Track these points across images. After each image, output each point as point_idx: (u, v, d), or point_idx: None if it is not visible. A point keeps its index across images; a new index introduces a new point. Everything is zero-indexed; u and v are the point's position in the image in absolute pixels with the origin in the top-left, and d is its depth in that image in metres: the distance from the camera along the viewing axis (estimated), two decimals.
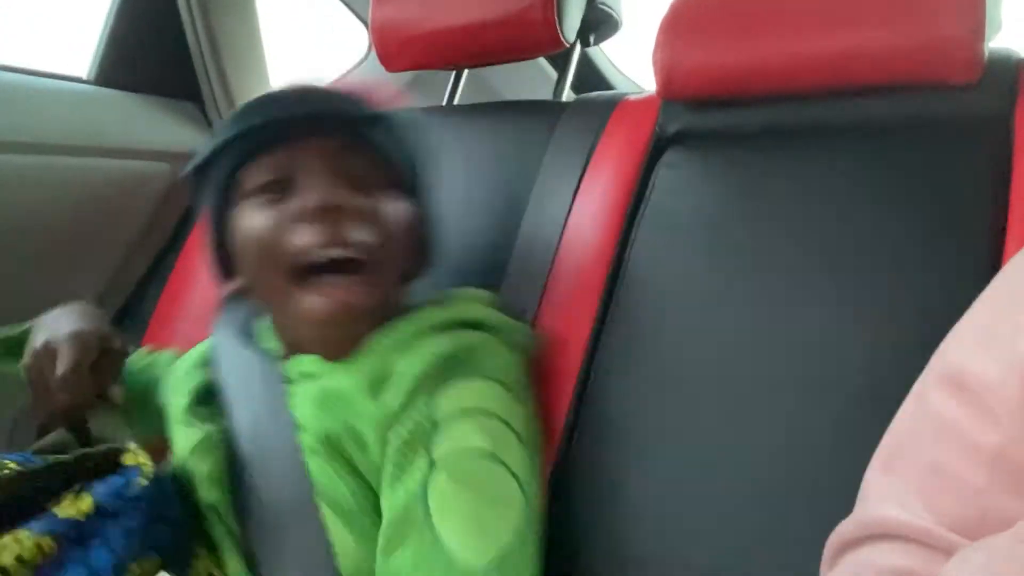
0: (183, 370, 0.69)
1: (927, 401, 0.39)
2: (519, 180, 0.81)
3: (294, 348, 0.61)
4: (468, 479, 0.50)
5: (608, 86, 1.56)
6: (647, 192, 0.72)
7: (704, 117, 0.72)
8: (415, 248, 0.62)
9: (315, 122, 0.58)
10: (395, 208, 0.60)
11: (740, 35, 0.66)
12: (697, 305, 0.64)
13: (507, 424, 0.54)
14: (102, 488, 0.50)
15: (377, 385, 0.54)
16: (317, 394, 0.56)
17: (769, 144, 0.68)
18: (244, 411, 0.60)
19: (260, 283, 0.60)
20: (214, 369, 0.65)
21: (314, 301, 0.55)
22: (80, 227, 0.98)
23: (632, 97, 0.83)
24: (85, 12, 1.06)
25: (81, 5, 1.09)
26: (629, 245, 0.70)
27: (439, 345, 0.56)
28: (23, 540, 0.45)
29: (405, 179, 0.62)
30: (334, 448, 0.54)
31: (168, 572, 0.52)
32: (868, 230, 0.60)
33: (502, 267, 0.76)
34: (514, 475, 0.52)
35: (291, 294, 0.56)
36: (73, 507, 0.49)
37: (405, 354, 0.56)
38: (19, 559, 0.45)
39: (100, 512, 0.49)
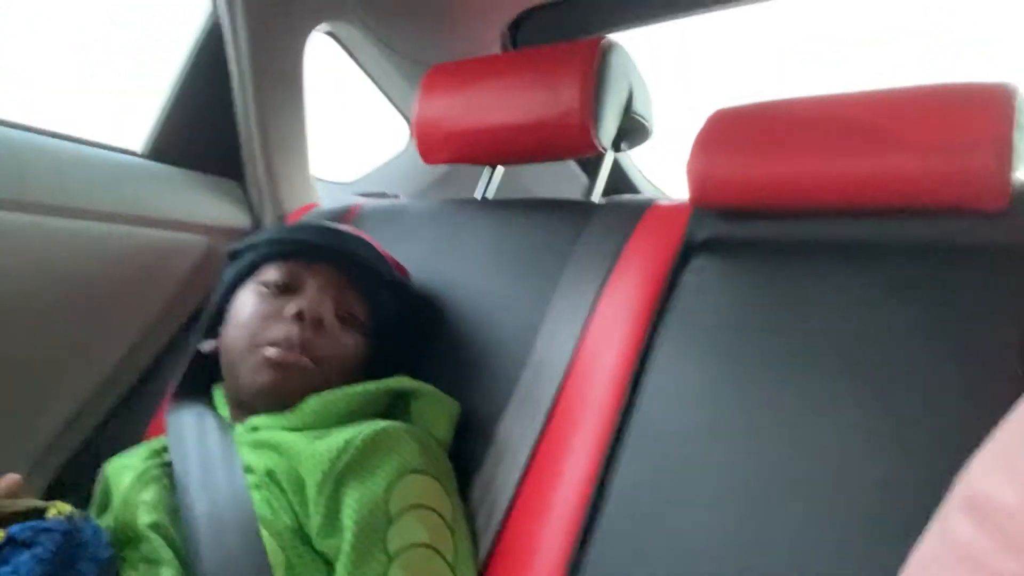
0: (133, 457, 0.73)
1: (949, 526, 0.39)
2: (544, 275, 0.82)
3: (241, 408, 0.72)
4: (416, 569, 0.59)
5: (632, 188, 1.60)
6: (673, 296, 0.73)
7: (734, 226, 0.73)
8: (353, 369, 0.76)
9: (336, 257, 0.76)
10: (356, 343, 0.76)
11: (773, 150, 0.68)
12: (716, 413, 0.63)
13: (442, 517, 0.63)
14: (17, 526, 0.52)
15: (315, 438, 0.65)
16: (263, 442, 0.66)
17: (796, 256, 0.69)
18: (194, 454, 0.66)
19: (230, 348, 0.72)
20: (167, 421, 0.73)
21: (261, 374, 0.69)
22: (115, 290, 1.00)
23: (662, 203, 0.85)
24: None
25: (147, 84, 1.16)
26: (652, 346, 0.70)
27: (370, 425, 0.66)
28: None
29: (380, 329, 0.78)
30: (275, 483, 0.62)
31: None
32: (891, 349, 0.60)
33: (521, 359, 0.77)
34: (447, 563, 0.61)
35: (247, 362, 0.70)
36: None
37: (343, 423, 0.67)
38: None
39: (11, 542, 0.50)
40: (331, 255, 0.76)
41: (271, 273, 0.75)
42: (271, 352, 0.69)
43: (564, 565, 0.61)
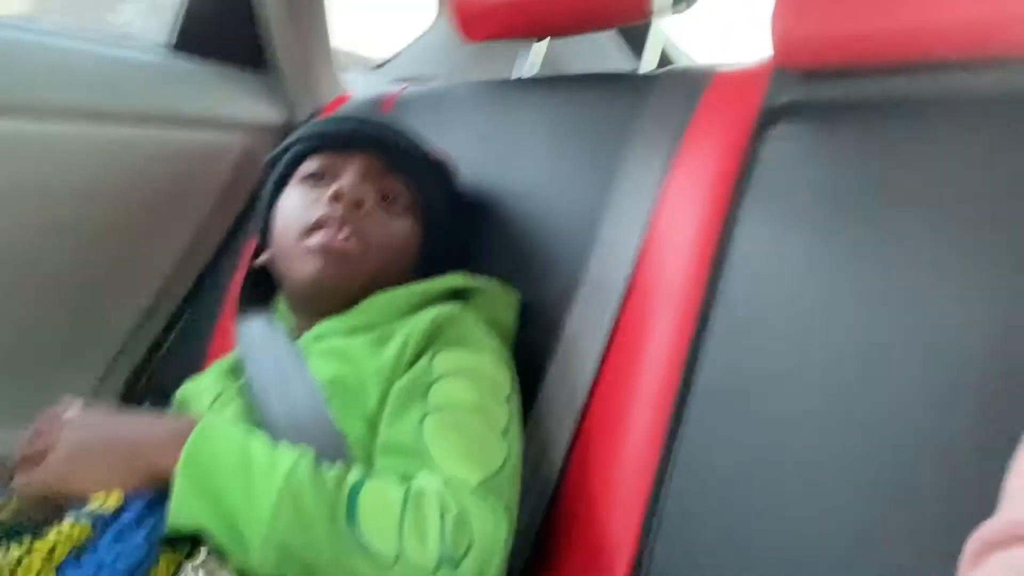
0: (206, 379, 0.73)
1: None
2: (605, 154, 0.77)
3: (305, 314, 0.72)
4: (459, 425, 0.57)
5: (667, 60, 1.50)
6: (753, 167, 0.67)
7: (821, 87, 0.66)
8: (406, 259, 0.74)
9: (366, 141, 0.74)
10: (404, 228, 0.74)
11: (868, 2, 0.61)
12: (818, 293, 0.59)
13: (495, 387, 0.62)
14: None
15: (378, 342, 0.64)
16: (327, 350, 0.65)
17: (894, 116, 0.62)
18: (267, 370, 0.65)
19: (279, 249, 0.72)
20: (237, 339, 0.72)
21: (309, 264, 0.67)
22: (155, 197, 0.97)
23: (728, 69, 0.78)
24: None
25: None
26: (734, 224, 0.66)
27: (430, 312, 0.65)
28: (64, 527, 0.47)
29: (428, 212, 0.76)
30: (344, 391, 0.61)
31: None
32: (1012, 211, 0.54)
33: (586, 245, 0.73)
34: (499, 430, 0.58)
35: (295, 257, 0.69)
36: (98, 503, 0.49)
37: (403, 319, 0.65)
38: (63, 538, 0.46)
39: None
40: (366, 141, 0.74)
41: (308, 167, 0.74)
42: (315, 240, 0.67)
43: (656, 454, 0.60)
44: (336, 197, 0.68)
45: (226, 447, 0.51)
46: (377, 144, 0.74)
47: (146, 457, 0.51)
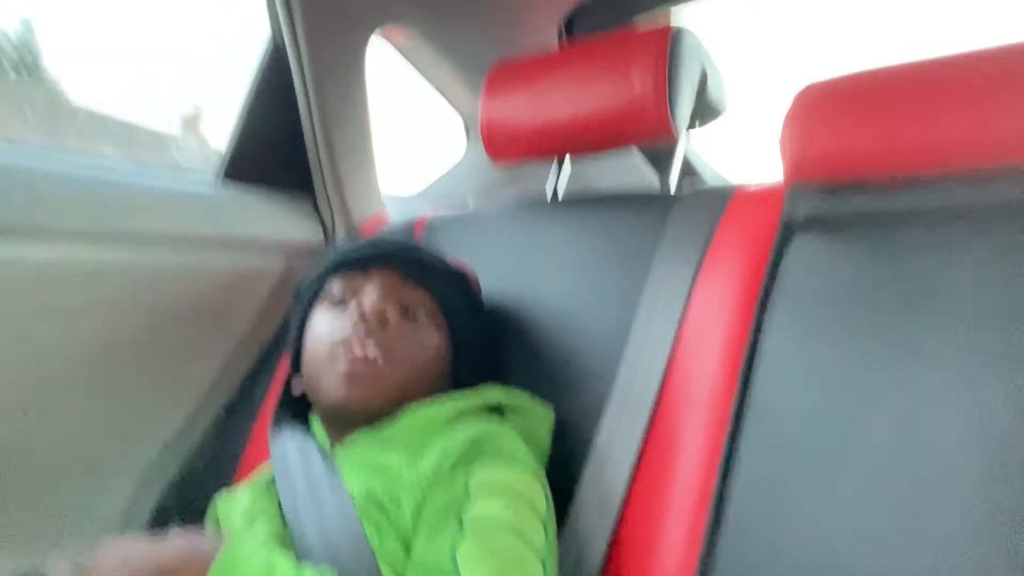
0: (242, 493, 0.73)
1: None
2: (632, 270, 0.80)
3: (338, 428, 0.72)
4: (494, 547, 0.55)
5: (696, 174, 1.56)
6: (776, 279, 0.69)
7: (836, 202, 0.69)
8: (436, 371, 0.75)
9: (384, 258, 0.77)
10: (431, 339, 0.75)
11: (877, 118, 0.64)
12: (846, 400, 0.59)
13: (531, 505, 0.60)
14: None
15: (414, 456, 0.63)
16: (361, 463, 0.65)
17: (911, 227, 0.64)
18: (301, 486, 0.65)
19: (309, 370, 0.73)
20: (272, 455, 0.72)
21: (340, 383, 0.68)
22: (200, 316, 1.01)
23: (748, 187, 0.82)
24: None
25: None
26: (760, 334, 0.67)
27: (469, 428, 0.65)
28: None
29: (451, 320, 0.77)
30: (378, 506, 0.61)
31: None
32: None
33: (615, 359, 0.74)
34: (535, 551, 0.57)
35: (326, 377, 0.70)
36: None
37: (440, 433, 0.65)
38: None
39: None
40: (384, 259, 0.77)
41: (331, 289, 0.77)
42: (342, 364, 0.69)
43: (693, 565, 0.59)
44: (360, 317, 0.71)
45: (249, 571, 0.51)
46: (395, 260, 0.77)
47: None
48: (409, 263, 0.77)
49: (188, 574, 0.50)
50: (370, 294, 0.73)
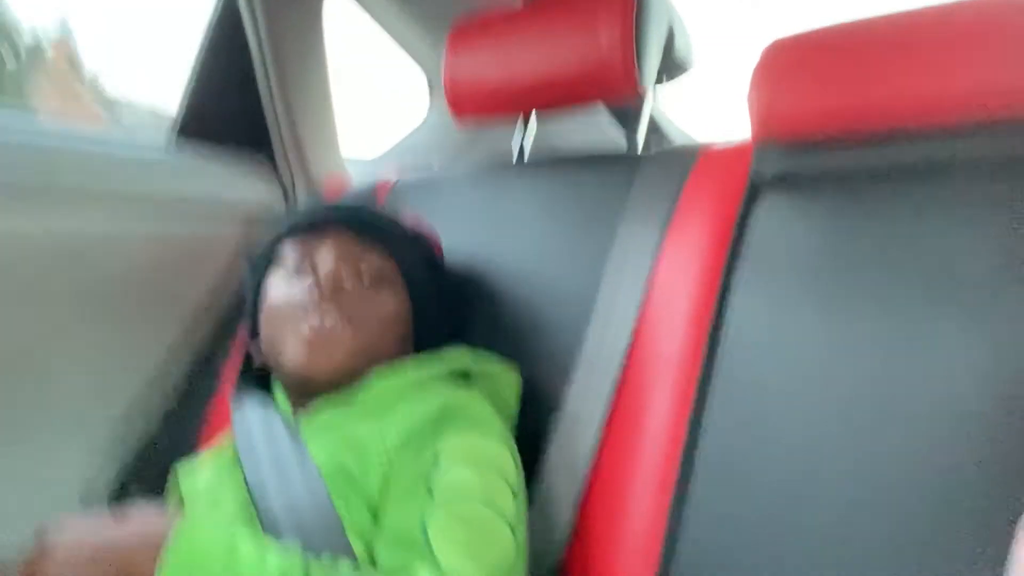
0: (204, 462, 0.72)
1: None
2: (598, 232, 0.79)
3: (301, 396, 0.71)
4: (464, 516, 0.55)
5: (661, 133, 1.54)
6: (744, 239, 0.69)
7: (804, 159, 0.68)
8: (397, 334, 0.73)
9: (339, 222, 0.74)
10: (391, 301, 0.73)
11: (845, 74, 0.63)
12: (813, 359, 0.59)
13: (500, 472, 0.60)
14: None
15: (381, 425, 0.62)
16: (327, 432, 0.64)
17: (877, 184, 0.64)
18: (265, 458, 0.64)
19: (269, 341, 0.71)
20: (233, 428, 0.70)
21: (301, 353, 0.67)
22: (158, 281, 0.98)
23: (715, 145, 0.81)
24: None
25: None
26: (728, 295, 0.67)
27: (437, 395, 0.65)
28: None
29: (410, 282, 0.76)
30: (343, 475, 0.60)
31: None
32: (991, 270, 0.55)
33: (583, 321, 0.74)
34: (505, 520, 0.57)
35: (286, 347, 0.68)
36: None
37: (407, 400, 0.65)
38: None
39: None
40: (338, 222, 0.74)
41: (284, 253, 0.75)
42: (301, 329, 0.67)
43: (660, 533, 0.59)
44: (316, 282, 0.69)
45: (209, 549, 0.50)
46: (350, 222, 0.75)
47: (133, 565, 0.49)
48: (364, 225, 0.75)
49: (146, 555, 0.49)
50: (325, 258, 0.71)
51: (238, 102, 1.09)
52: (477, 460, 0.59)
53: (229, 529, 0.52)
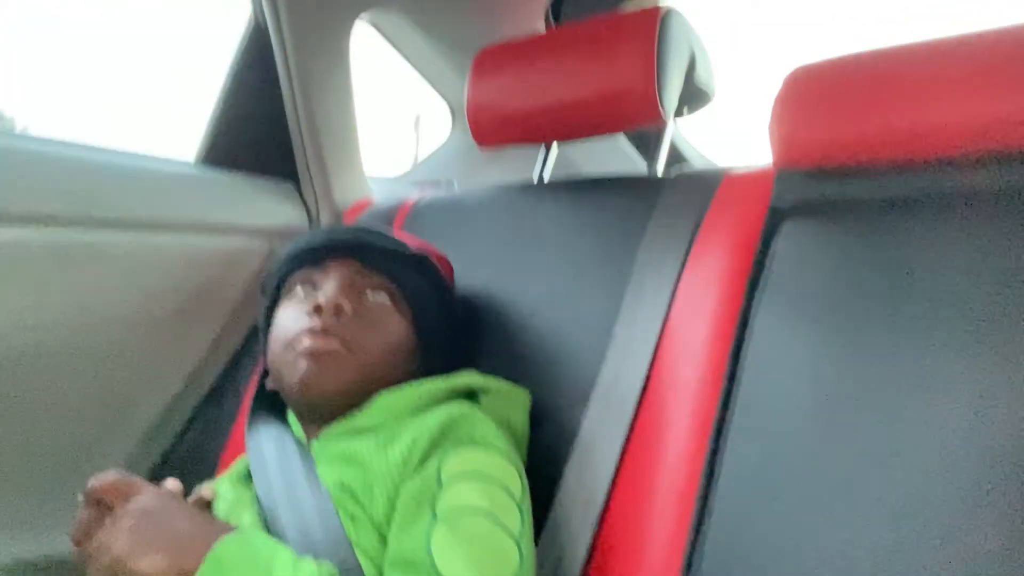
0: (223, 483, 0.73)
1: None
2: (618, 256, 0.79)
3: (310, 421, 0.72)
4: (468, 534, 0.55)
5: (682, 159, 1.55)
6: (765, 266, 0.68)
7: (826, 187, 0.68)
8: (400, 357, 0.73)
9: (340, 249, 0.75)
10: (393, 326, 0.73)
11: (868, 103, 0.63)
12: (833, 390, 0.59)
13: (505, 488, 0.59)
14: None
15: (384, 445, 0.63)
16: (334, 454, 0.65)
17: (901, 213, 0.63)
18: (277, 482, 0.65)
19: (272, 363, 0.73)
20: (247, 450, 0.71)
21: (298, 372, 0.67)
22: (182, 302, 1.00)
23: (737, 171, 0.81)
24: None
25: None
26: (747, 323, 0.66)
27: (439, 413, 0.64)
28: None
29: (415, 305, 0.76)
30: (352, 497, 0.61)
31: None
32: (1012, 302, 0.54)
33: (600, 348, 0.73)
34: (511, 536, 0.56)
35: (285, 368, 0.69)
36: None
37: (410, 419, 0.65)
38: None
39: None
40: (341, 249, 0.75)
41: (291, 284, 0.76)
42: (301, 347, 0.68)
43: (677, 565, 0.58)
44: (316, 310, 0.69)
45: (251, 555, 0.52)
46: (352, 249, 0.75)
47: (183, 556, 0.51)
48: (366, 250, 0.75)
49: (195, 554, 0.51)
50: (327, 286, 0.72)
51: (264, 127, 1.11)
52: (479, 475, 0.59)
53: (269, 541, 0.54)
